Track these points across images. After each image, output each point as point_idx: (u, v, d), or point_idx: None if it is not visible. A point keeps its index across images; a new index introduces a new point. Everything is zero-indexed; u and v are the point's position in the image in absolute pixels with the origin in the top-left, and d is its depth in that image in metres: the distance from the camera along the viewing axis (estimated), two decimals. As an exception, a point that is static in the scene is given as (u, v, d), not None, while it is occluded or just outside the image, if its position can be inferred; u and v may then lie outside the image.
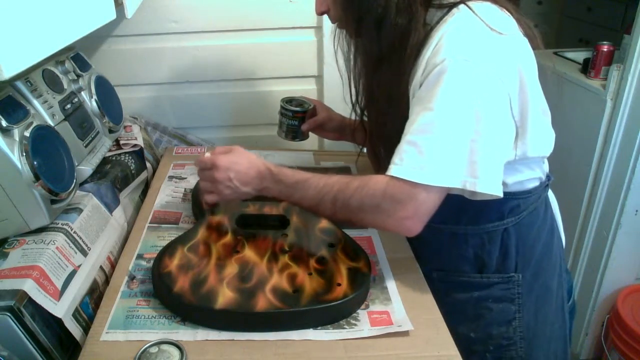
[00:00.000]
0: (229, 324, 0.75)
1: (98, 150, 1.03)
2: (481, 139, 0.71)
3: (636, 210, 1.56)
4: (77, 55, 1.09)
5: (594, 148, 1.60)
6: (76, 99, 1.00)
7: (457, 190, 0.74)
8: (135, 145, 1.18)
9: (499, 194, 0.74)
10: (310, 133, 1.17)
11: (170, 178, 1.19)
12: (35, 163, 0.75)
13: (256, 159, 0.86)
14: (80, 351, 0.72)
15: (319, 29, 1.39)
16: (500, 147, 0.75)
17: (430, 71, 0.73)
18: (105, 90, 1.12)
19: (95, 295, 0.84)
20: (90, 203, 0.92)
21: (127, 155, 1.14)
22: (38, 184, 0.75)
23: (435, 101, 0.72)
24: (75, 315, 0.76)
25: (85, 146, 0.99)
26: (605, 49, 1.58)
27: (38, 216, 0.78)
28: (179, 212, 1.05)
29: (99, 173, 1.02)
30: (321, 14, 0.88)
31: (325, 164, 1.28)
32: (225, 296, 0.75)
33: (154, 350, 0.69)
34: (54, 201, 0.80)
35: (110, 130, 1.10)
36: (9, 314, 0.66)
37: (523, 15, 0.79)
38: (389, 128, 0.83)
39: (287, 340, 0.74)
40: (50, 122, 0.87)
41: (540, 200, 0.90)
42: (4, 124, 0.73)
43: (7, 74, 0.54)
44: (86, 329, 0.77)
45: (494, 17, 0.74)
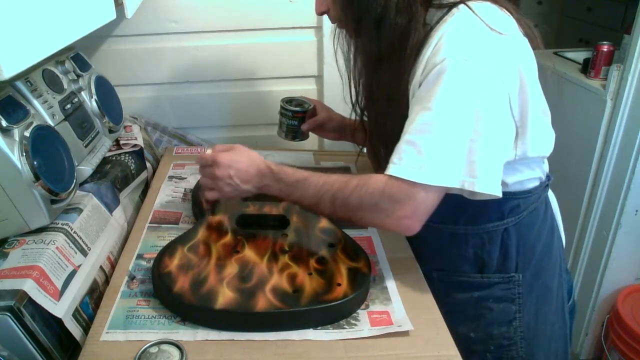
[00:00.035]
0: (229, 324, 0.75)
1: (98, 150, 1.03)
2: (480, 138, 0.71)
3: (636, 210, 1.56)
4: (77, 55, 1.09)
5: (594, 148, 1.60)
6: (76, 99, 1.00)
7: (456, 190, 0.73)
8: (135, 145, 1.18)
9: (498, 194, 0.74)
10: (310, 133, 1.17)
11: (170, 178, 1.19)
12: (35, 163, 0.75)
13: (257, 157, 0.86)
14: (80, 351, 0.72)
15: (319, 29, 1.39)
16: (499, 147, 0.75)
17: (429, 71, 0.73)
18: (105, 90, 1.12)
19: (95, 295, 0.84)
20: (90, 203, 0.92)
21: (127, 155, 1.14)
22: (38, 184, 0.75)
23: (434, 101, 0.72)
24: (75, 315, 0.76)
25: (85, 146, 0.99)
26: (605, 49, 1.58)
27: (38, 216, 0.78)
28: (179, 212, 1.05)
29: (99, 173, 1.02)
30: (321, 14, 0.88)
31: (325, 164, 1.28)
32: (225, 296, 0.75)
33: (154, 350, 0.69)
34: (54, 201, 0.80)
35: (110, 130, 1.10)
36: (9, 314, 0.66)
37: (523, 15, 0.79)
38: (389, 128, 0.83)
39: (287, 340, 0.74)
40: (50, 122, 0.87)
41: (541, 200, 0.90)
42: (4, 124, 0.73)
43: (7, 74, 0.54)
44: (86, 329, 0.77)
45: (494, 17, 0.74)
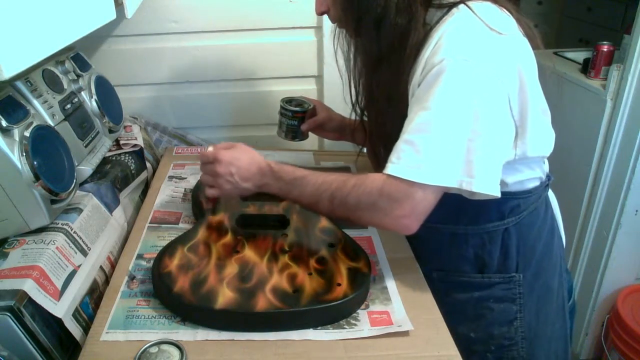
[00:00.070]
0: (229, 324, 0.75)
1: (98, 150, 1.03)
2: (479, 138, 0.71)
3: (636, 210, 1.56)
4: (77, 55, 1.09)
5: (594, 148, 1.60)
6: (76, 99, 1.00)
7: (454, 189, 0.73)
8: (135, 145, 1.18)
9: (496, 194, 0.73)
10: (310, 133, 1.17)
11: (170, 178, 1.19)
12: (35, 163, 0.75)
13: (257, 156, 0.87)
14: (80, 351, 0.72)
15: (319, 29, 1.39)
16: (498, 147, 0.75)
17: (429, 70, 0.73)
18: (105, 90, 1.12)
19: (95, 295, 0.84)
20: (90, 203, 0.92)
21: (127, 155, 1.14)
22: (38, 184, 0.75)
23: (433, 100, 0.72)
24: (75, 315, 0.76)
25: (85, 146, 0.99)
26: (605, 49, 1.58)
27: (38, 216, 0.78)
28: (179, 212, 1.05)
29: (99, 173, 1.02)
30: (321, 14, 0.88)
31: (325, 164, 1.28)
32: (225, 296, 0.75)
33: (154, 350, 0.69)
34: (54, 201, 0.80)
35: (110, 130, 1.10)
36: (9, 314, 0.66)
37: (523, 15, 0.79)
38: (389, 128, 0.83)
39: (287, 340, 0.74)
40: (50, 122, 0.87)
41: (541, 200, 0.90)
42: (4, 124, 0.73)
43: (7, 74, 0.54)
44: (86, 329, 0.77)
45: (494, 17, 0.74)
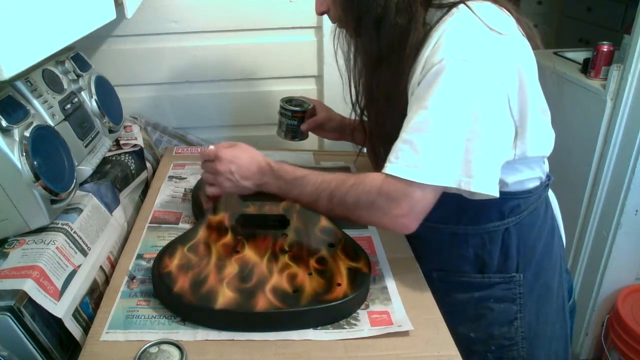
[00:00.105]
0: (229, 324, 0.75)
1: (98, 150, 1.03)
2: (477, 138, 0.71)
3: (636, 210, 1.56)
4: (77, 55, 1.09)
5: (594, 148, 1.60)
6: (76, 99, 1.00)
7: (453, 189, 0.73)
8: (135, 145, 1.18)
9: (495, 193, 0.73)
10: (310, 133, 1.17)
11: (170, 178, 1.19)
12: (35, 163, 0.75)
13: (258, 155, 0.87)
14: (80, 351, 0.72)
15: (319, 29, 1.39)
16: (497, 147, 0.75)
17: (428, 70, 0.73)
18: (105, 90, 1.12)
19: (95, 295, 0.84)
20: (90, 203, 0.92)
21: (127, 155, 1.14)
22: (38, 184, 0.75)
23: (432, 100, 0.72)
24: (75, 315, 0.76)
25: (85, 146, 0.99)
26: (605, 49, 1.58)
27: (38, 216, 0.78)
28: (179, 212, 1.05)
29: (99, 173, 1.02)
30: (321, 14, 0.88)
31: (325, 163, 1.28)
32: (225, 296, 0.75)
33: (154, 350, 0.69)
34: (54, 201, 0.80)
35: (110, 130, 1.10)
36: (9, 314, 0.66)
37: (523, 15, 0.79)
38: (389, 127, 0.83)
39: (287, 340, 0.74)
40: (50, 122, 0.87)
41: (541, 200, 0.90)
42: (4, 124, 0.73)
43: (7, 74, 0.54)
44: (86, 329, 0.77)
45: (494, 17, 0.74)
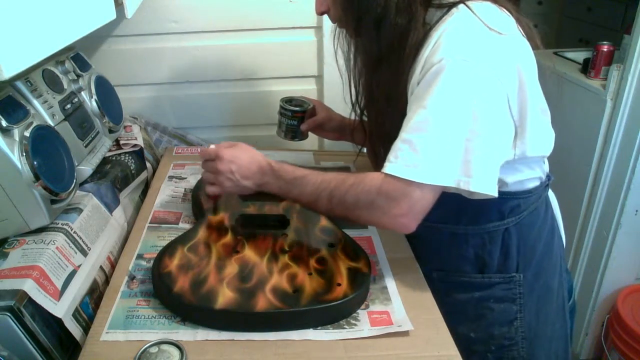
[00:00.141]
0: (229, 324, 0.75)
1: (98, 150, 1.03)
2: (477, 138, 0.71)
3: (636, 210, 1.56)
4: (77, 55, 1.09)
5: (594, 148, 1.60)
6: (76, 99, 1.00)
7: (452, 189, 0.73)
8: (135, 145, 1.18)
9: (494, 193, 0.73)
10: (310, 133, 1.17)
11: (170, 178, 1.19)
12: (35, 163, 0.75)
13: (258, 155, 0.87)
14: (80, 351, 0.72)
15: (319, 29, 1.39)
16: (497, 147, 0.75)
17: (428, 69, 0.73)
18: (105, 90, 1.12)
19: (95, 295, 0.84)
20: (90, 203, 0.92)
21: (127, 155, 1.14)
22: (38, 184, 0.75)
23: (431, 99, 0.72)
24: (75, 315, 0.76)
25: (85, 146, 0.99)
26: (605, 49, 1.58)
27: (38, 216, 0.78)
28: (179, 212, 1.05)
29: (99, 173, 1.02)
30: (321, 14, 0.89)
31: (325, 163, 1.28)
32: (225, 296, 0.75)
33: (154, 350, 0.69)
34: (54, 201, 0.80)
35: (110, 130, 1.10)
36: (9, 314, 0.66)
37: (523, 15, 0.79)
38: (388, 127, 0.83)
39: (287, 340, 0.74)
40: (50, 122, 0.87)
41: (541, 200, 0.90)
42: (4, 124, 0.73)
43: (7, 74, 0.54)
44: (86, 329, 0.77)
45: (493, 17, 0.74)
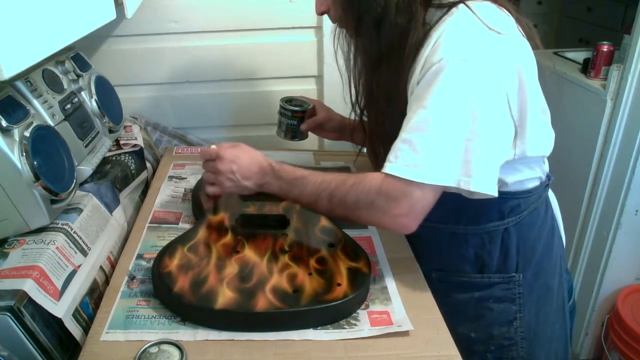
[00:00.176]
0: (229, 324, 0.75)
1: (98, 150, 1.03)
2: (477, 138, 0.71)
3: (636, 210, 1.56)
4: (77, 55, 1.09)
5: (594, 148, 1.60)
6: (76, 99, 1.00)
7: (453, 189, 0.73)
8: (135, 145, 1.18)
9: (494, 193, 0.73)
10: (310, 133, 1.17)
11: (170, 178, 1.19)
12: (35, 163, 0.75)
13: (259, 155, 0.87)
14: (80, 351, 0.72)
15: (319, 29, 1.39)
16: (497, 147, 0.75)
17: (428, 69, 0.73)
18: (105, 90, 1.12)
19: (95, 295, 0.84)
20: (90, 203, 0.92)
21: (127, 155, 1.14)
22: (38, 184, 0.75)
23: (431, 99, 0.72)
24: (75, 315, 0.76)
25: (85, 146, 0.99)
26: (605, 49, 1.58)
27: (38, 216, 0.78)
28: (179, 212, 1.05)
29: (99, 173, 1.02)
30: (321, 14, 0.89)
31: (325, 164, 1.28)
32: (225, 296, 0.75)
33: (154, 350, 0.69)
34: (54, 201, 0.80)
35: (110, 130, 1.10)
36: (9, 314, 0.66)
37: (522, 15, 0.79)
38: (388, 127, 0.83)
39: (287, 340, 0.74)
40: (50, 122, 0.87)
41: (541, 200, 0.90)
42: (4, 124, 0.73)
43: (7, 74, 0.54)
44: (86, 329, 0.77)
45: (493, 17, 0.74)
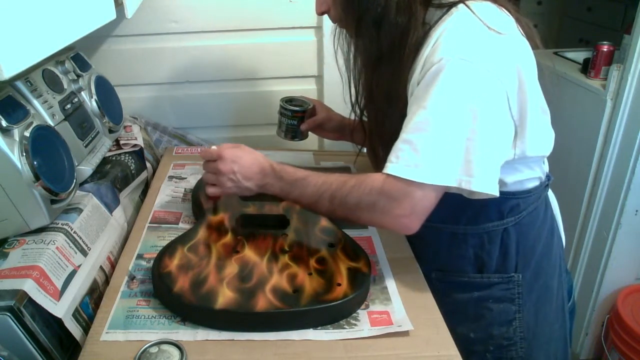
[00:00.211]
0: (229, 324, 0.75)
1: (98, 150, 1.03)
2: (477, 138, 0.71)
3: (636, 210, 1.56)
4: (77, 55, 1.09)
5: (594, 148, 1.60)
6: (76, 99, 1.00)
7: (454, 189, 0.73)
8: (135, 145, 1.18)
9: (495, 193, 0.74)
10: (310, 133, 1.17)
11: (170, 178, 1.19)
12: (35, 163, 0.75)
13: (260, 156, 0.87)
14: (80, 351, 0.72)
15: (319, 29, 1.39)
16: (497, 147, 0.75)
17: (428, 69, 0.73)
18: (105, 90, 1.12)
19: (95, 295, 0.84)
20: (90, 203, 0.92)
21: (127, 155, 1.14)
22: (38, 184, 0.75)
23: (431, 99, 0.72)
24: (75, 315, 0.76)
25: (85, 146, 0.99)
26: (605, 49, 1.58)
27: (38, 216, 0.78)
28: (179, 212, 1.05)
29: (99, 173, 1.02)
30: (321, 14, 0.89)
31: (325, 164, 1.28)
32: (225, 296, 0.75)
33: (154, 350, 0.69)
34: (54, 201, 0.80)
35: (110, 130, 1.10)
36: (9, 314, 0.66)
37: (522, 14, 0.79)
38: (388, 127, 0.83)
39: (287, 340, 0.74)
40: (50, 122, 0.87)
41: (540, 200, 0.90)
42: (4, 124, 0.73)
43: (7, 74, 0.54)
44: (86, 329, 0.77)
45: (493, 17, 0.74)
